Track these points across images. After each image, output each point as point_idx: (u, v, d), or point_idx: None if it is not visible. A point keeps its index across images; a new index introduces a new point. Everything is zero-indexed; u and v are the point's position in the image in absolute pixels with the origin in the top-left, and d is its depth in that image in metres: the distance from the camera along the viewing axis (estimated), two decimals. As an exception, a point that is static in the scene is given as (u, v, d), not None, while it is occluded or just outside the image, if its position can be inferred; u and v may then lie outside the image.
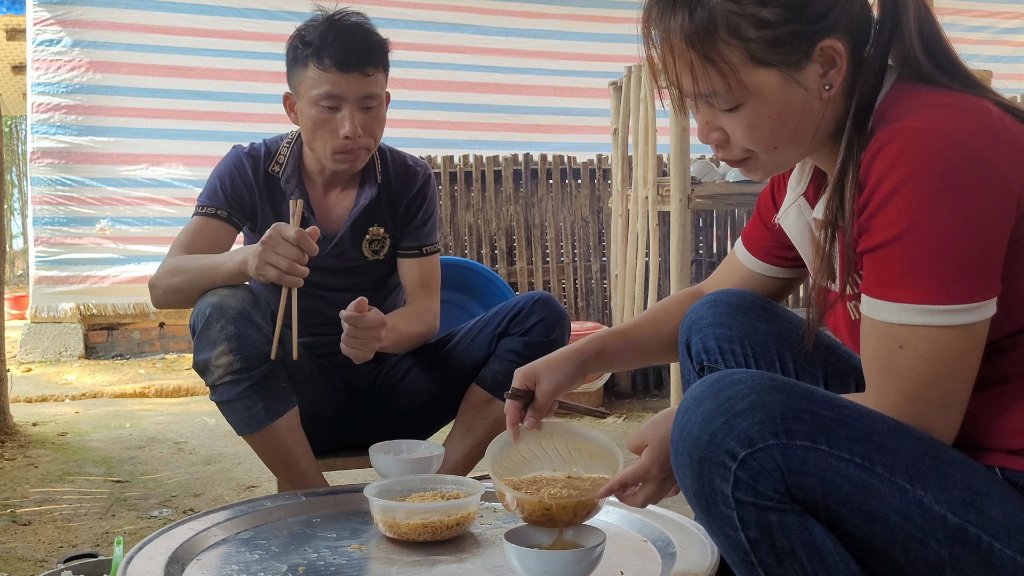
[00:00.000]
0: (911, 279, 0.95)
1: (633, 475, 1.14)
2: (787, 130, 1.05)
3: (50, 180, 5.25)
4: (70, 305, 5.27)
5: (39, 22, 5.23)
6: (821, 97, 1.04)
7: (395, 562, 1.32)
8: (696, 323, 1.35)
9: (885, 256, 0.97)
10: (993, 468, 1.01)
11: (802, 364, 1.31)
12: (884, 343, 0.99)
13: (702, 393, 0.98)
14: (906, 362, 0.97)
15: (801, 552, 0.94)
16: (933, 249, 0.94)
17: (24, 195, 12.19)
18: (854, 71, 1.04)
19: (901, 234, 0.95)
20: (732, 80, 1.02)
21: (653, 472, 1.12)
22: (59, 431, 3.40)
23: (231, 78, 5.55)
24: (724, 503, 0.94)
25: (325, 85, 1.86)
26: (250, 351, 1.75)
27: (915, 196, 0.94)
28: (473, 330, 2.00)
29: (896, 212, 0.95)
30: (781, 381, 0.97)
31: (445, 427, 2.09)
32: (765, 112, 1.04)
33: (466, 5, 5.99)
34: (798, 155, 1.11)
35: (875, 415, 0.98)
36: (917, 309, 0.96)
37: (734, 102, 1.04)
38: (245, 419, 1.80)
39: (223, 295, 1.76)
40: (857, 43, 1.05)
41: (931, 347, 0.96)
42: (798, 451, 0.93)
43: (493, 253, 4.27)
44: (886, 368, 0.99)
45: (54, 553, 1.99)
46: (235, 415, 1.81)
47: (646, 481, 1.14)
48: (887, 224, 0.96)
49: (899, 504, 0.93)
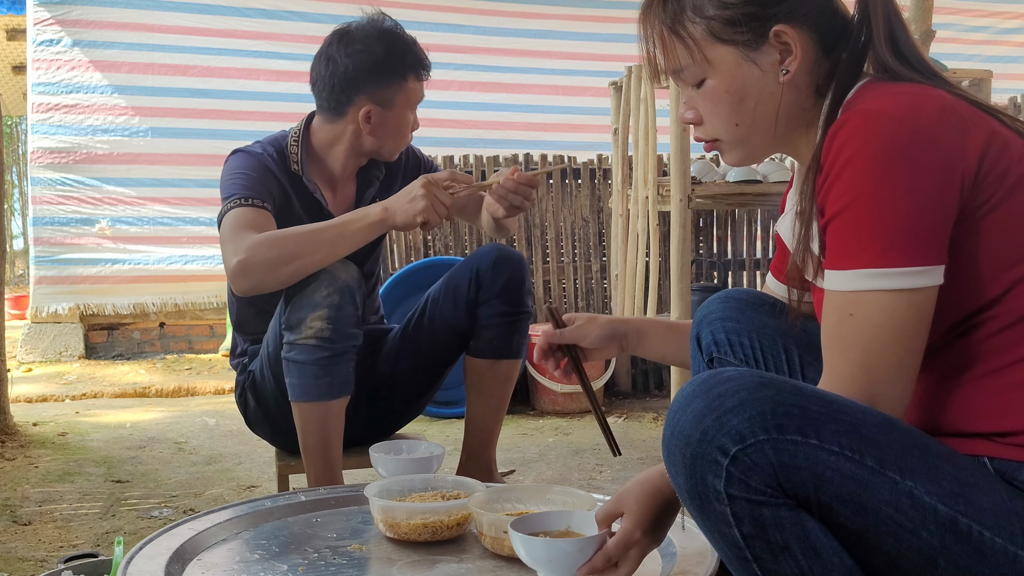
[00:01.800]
0: (858, 246, 1.00)
1: (617, 545, 1.15)
2: (745, 108, 1.13)
3: (50, 180, 5.25)
4: (70, 305, 5.27)
5: (39, 22, 5.23)
6: (778, 81, 1.11)
7: (395, 562, 1.32)
8: (706, 317, 1.40)
9: (837, 227, 1.02)
10: (979, 458, 1.02)
11: (807, 357, 1.35)
12: (836, 313, 1.03)
13: (692, 392, 0.99)
14: (855, 329, 1.01)
15: (795, 546, 0.95)
16: (877, 216, 0.98)
17: (24, 195, 12.18)
18: (823, 68, 1.12)
19: (849, 204, 1.00)
20: (696, 54, 1.13)
21: (636, 535, 1.14)
22: (59, 431, 3.40)
23: (231, 77, 5.55)
24: (717, 499, 0.95)
25: (419, 93, 2.13)
26: (344, 327, 1.85)
27: (863, 169, 0.99)
28: (440, 306, 2.11)
29: (846, 184, 1.00)
30: (770, 378, 0.99)
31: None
32: (723, 87, 1.13)
33: (466, 6, 5.98)
34: (764, 143, 1.17)
35: (864, 409, 0.99)
36: (863, 274, 1.00)
37: (698, 76, 1.14)
38: (307, 386, 1.86)
39: (336, 266, 1.86)
40: (823, 37, 1.12)
41: (878, 312, 0.99)
42: (789, 445, 0.94)
43: (493, 253, 4.27)
44: (837, 338, 1.03)
45: (54, 553, 1.99)
46: (300, 378, 1.87)
47: (631, 546, 1.15)
48: (838, 196, 1.01)
49: (890, 496, 0.94)
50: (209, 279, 5.51)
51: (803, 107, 1.13)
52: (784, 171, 3.57)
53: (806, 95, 1.13)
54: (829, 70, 1.12)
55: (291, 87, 5.62)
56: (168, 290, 5.44)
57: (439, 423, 3.57)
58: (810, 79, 1.12)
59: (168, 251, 5.43)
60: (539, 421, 3.56)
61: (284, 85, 5.61)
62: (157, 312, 5.46)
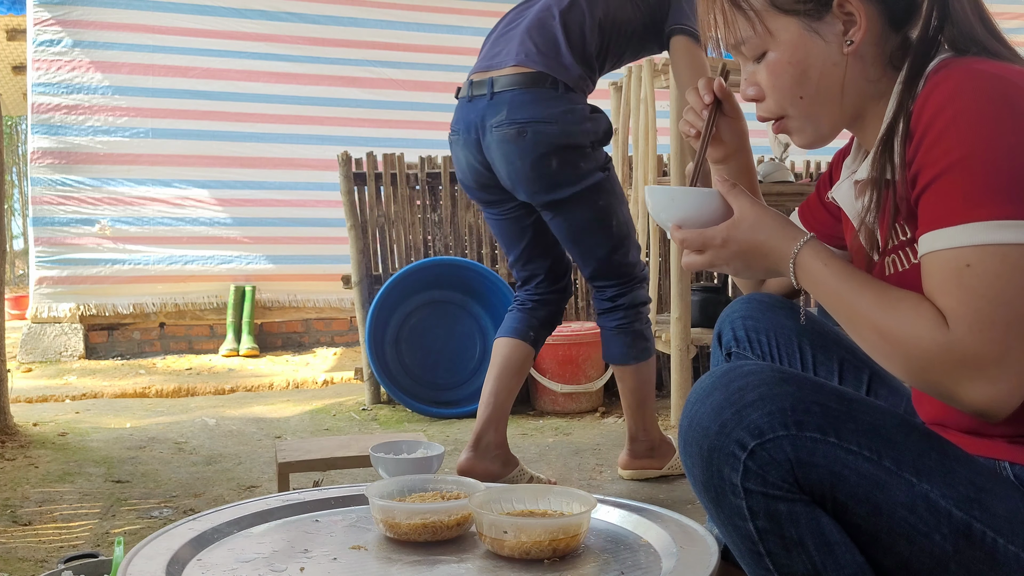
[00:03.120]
0: (974, 200, 0.93)
1: (696, 237, 1.11)
2: (809, 81, 1.09)
3: (50, 180, 5.25)
4: (70, 305, 5.27)
5: (39, 22, 5.23)
6: (842, 52, 1.07)
7: (395, 562, 1.32)
8: (728, 316, 1.42)
9: (945, 185, 0.95)
10: (998, 463, 1.01)
11: (819, 357, 1.36)
12: (948, 266, 0.94)
13: (712, 384, 0.99)
14: (976, 279, 0.92)
15: (810, 542, 0.95)
16: (995, 168, 0.92)
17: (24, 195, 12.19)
18: (892, 41, 1.08)
19: (961, 159, 0.94)
20: (757, 26, 1.10)
21: (716, 241, 1.10)
22: (59, 431, 3.40)
23: (231, 78, 5.55)
24: (733, 492, 0.95)
25: None
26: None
27: (972, 123, 0.94)
28: None
29: (955, 139, 0.94)
30: (791, 374, 0.98)
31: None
32: (785, 58, 1.09)
33: (466, 7, 5.99)
34: (832, 117, 1.12)
35: (883, 409, 0.98)
36: (983, 226, 0.92)
37: (760, 48, 1.11)
38: (647, 348, 2.48)
39: None
40: (888, 7, 1.08)
41: (1001, 262, 0.91)
42: (808, 443, 0.94)
43: (493, 253, 4.26)
44: (957, 287, 0.93)
45: (54, 553, 1.99)
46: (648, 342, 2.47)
47: (706, 248, 1.11)
48: (946, 152, 0.95)
49: (905, 498, 0.94)
50: (209, 279, 5.52)
51: (870, 79, 1.09)
52: (784, 171, 3.57)
53: (873, 66, 1.09)
54: (900, 43, 1.09)
55: (290, 89, 5.63)
56: (168, 290, 5.45)
57: (439, 423, 3.57)
58: (877, 51, 1.08)
59: (168, 251, 5.43)
60: (539, 421, 3.56)
61: (284, 87, 5.61)
62: (157, 312, 5.46)
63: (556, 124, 2.27)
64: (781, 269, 1.08)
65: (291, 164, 5.63)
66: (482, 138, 2.36)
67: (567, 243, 2.45)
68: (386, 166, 4.16)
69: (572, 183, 2.31)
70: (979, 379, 0.91)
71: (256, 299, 5.54)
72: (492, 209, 2.53)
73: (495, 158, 2.35)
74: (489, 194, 2.48)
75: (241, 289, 5.51)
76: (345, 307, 5.71)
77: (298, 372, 4.93)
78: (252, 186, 5.55)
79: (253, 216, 5.56)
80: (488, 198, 2.50)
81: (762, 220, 1.09)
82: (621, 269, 2.45)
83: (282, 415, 3.80)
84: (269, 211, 5.60)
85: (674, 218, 1.14)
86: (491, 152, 2.35)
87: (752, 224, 1.09)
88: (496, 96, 2.33)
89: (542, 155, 2.27)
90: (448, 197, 4.26)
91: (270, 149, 5.60)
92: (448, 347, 3.90)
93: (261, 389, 4.60)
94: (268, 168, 5.59)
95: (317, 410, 3.89)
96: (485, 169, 2.41)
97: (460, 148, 2.45)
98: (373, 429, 3.52)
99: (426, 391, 3.82)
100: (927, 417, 1.15)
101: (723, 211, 1.12)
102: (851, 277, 1.02)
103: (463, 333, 3.93)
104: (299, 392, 4.49)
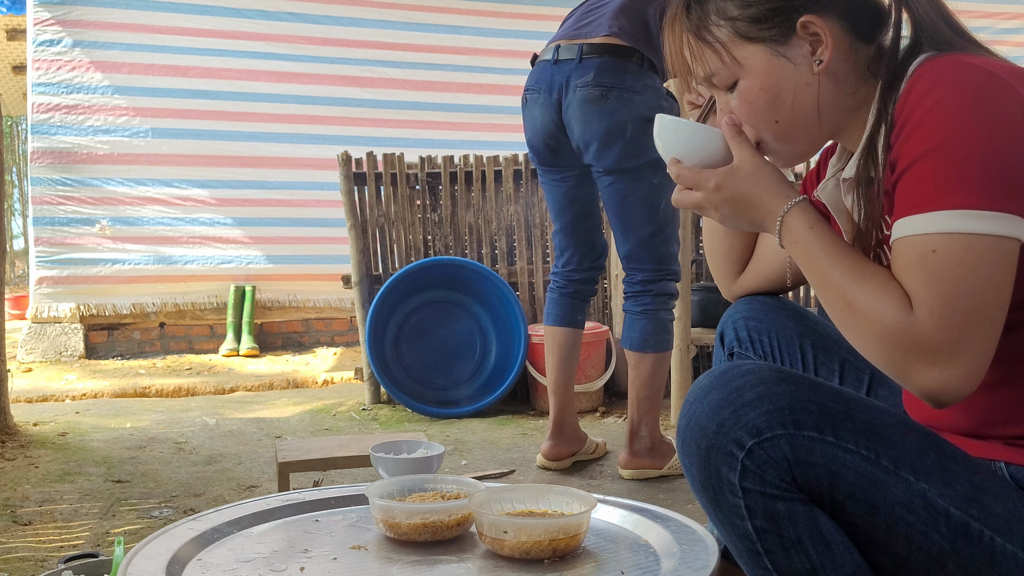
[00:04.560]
0: (945, 188, 0.93)
1: (694, 175, 1.12)
2: (783, 105, 1.08)
3: (50, 180, 5.25)
4: (70, 305, 5.27)
5: (39, 22, 5.23)
6: (813, 72, 1.07)
7: (395, 562, 1.32)
8: (731, 316, 1.43)
9: (919, 172, 0.95)
10: (994, 463, 1.01)
11: (821, 358, 1.37)
12: (915, 251, 0.94)
13: (709, 384, 0.99)
14: (940, 265, 0.92)
15: (808, 541, 0.95)
16: (968, 158, 0.92)
17: (24, 195, 12.18)
18: (864, 54, 1.08)
19: (935, 147, 0.94)
20: (725, 56, 1.10)
21: (710, 183, 1.10)
22: (59, 431, 3.40)
23: (231, 78, 5.55)
24: (731, 492, 0.95)
25: None
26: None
27: (950, 113, 0.94)
28: None
29: (930, 128, 0.95)
30: (789, 373, 0.99)
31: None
32: (756, 85, 1.09)
33: (465, 7, 5.99)
34: (810, 136, 1.12)
35: (881, 408, 0.98)
36: (951, 215, 0.92)
37: (731, 78, 1.11)
38: (666, 340, 2.54)
39: None
40: (854, 23, 1.08)
41: (966, 251, 0.91)
42: (805, 442, 0.94)
43: (493, 253, 4.26)
44: (921, 270, 0.93)
45: (54, 553, 1.99)
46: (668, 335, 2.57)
47: (699, 187, 1.11)
48: (923, 140, 0.95)
49: (903, 497, 0.94)
50: (209, 279, 5.52)
51: (846, 92, 1.09)
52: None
53: (847, 80, 1.09)
54: (876, 53, 1.09)
55: (291, 88, 5.63)
56: (168, 290, 5.45)
57: (439, 423, 3.57)
58: (850, 65, 1.08)
59: (168, 251, 5.43)
60: (539, 421, 3.56)
61: (284, 87, 5.61)
62: (157, 312, 5.46)
63: (639, 95, 2.41)
64: (767, 225, 1.09)
65: (291, 164, 5.63)
66: (564, 97, 2.49)
67: (615, 213, 2.56)
68: (386, 166, 4.16)
69: (638, 155, 2.43)
70: (932, 364, 0.92)
71: (256, 299, 5.54)
72: (551, 173, 2.67)
73: (573, 116, 2.48)
74: (553, 156, 2.62)
75: (241, 289, 5.51)
76: (345, 307, 5.71)
77: (298, 372, 4.93)
78: (252, 186, 5.55)
79: (253, 216, 5.56)
80: (551, 160, 2.63)
81: (760, 172, 1.09)
82: (657, 253, 2.55)
83: (282, 415, 3.80)
84: (269, 211, 5.60)
85: (674, 151, 1.15)
86: (570, 111, 2.48)
87: (749, 174, 1.09)
88: (585, 60, 2.46)
89: (620, 121, 2.41)
90: (448, 197, 4.25)
91: (270, 149, 5.60)
92: (448, 347, 3.90)
93: (261, 389, 4.61)
94: (268, 168, 5.59)
95: (317, 410, 3.89)
96: (558, 130, 2.54)
97: (537, 107, 2.57)
98: (373, 429, 3.52)
99: (426, 391, 3.82)
100: (918, 421, 1.15)
101: (723, 155, 1.12)
102: (832, 244, 1.02)
103: (463, 333, 3.93)
104: (299, 392, 4.50)
